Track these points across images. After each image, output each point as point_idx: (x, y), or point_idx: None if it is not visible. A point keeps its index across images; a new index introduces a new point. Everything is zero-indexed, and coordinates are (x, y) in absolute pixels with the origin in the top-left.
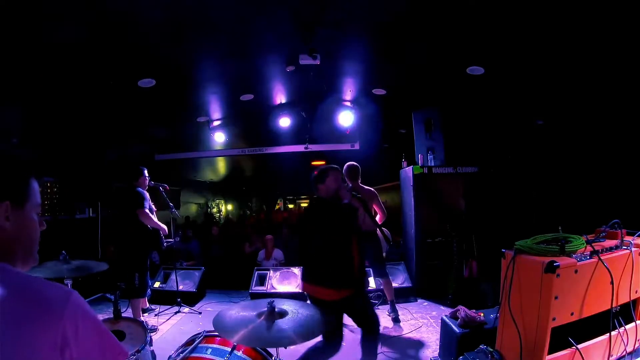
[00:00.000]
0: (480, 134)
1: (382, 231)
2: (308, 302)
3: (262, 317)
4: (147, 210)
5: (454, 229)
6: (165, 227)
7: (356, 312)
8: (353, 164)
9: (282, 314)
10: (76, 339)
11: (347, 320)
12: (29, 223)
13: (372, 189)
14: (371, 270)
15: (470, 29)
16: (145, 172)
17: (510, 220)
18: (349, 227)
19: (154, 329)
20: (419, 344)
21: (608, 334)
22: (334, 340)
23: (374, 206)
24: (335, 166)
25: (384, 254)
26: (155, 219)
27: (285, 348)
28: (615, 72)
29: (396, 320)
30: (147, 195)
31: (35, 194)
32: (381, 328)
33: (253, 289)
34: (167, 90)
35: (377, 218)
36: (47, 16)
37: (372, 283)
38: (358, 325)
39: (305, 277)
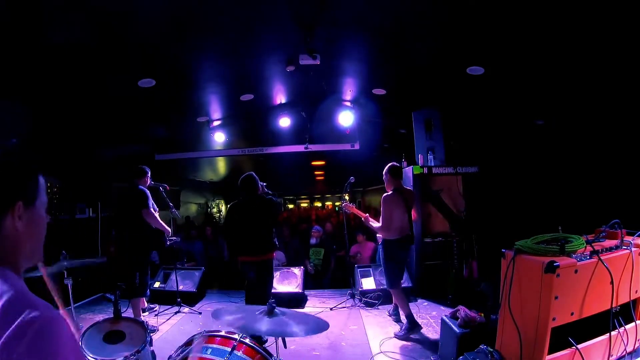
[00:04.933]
0: (480, 134)
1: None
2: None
3: (262, 313)
4: (152, 210)
5: (454, 228)
6: (168, 228)
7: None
8: (394, 165)
9: (283, 313)
10: None
11: (347, 322)
12: (38, 220)
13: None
14: (370, 271)
15: (470, 29)
16: (149, 171)
17: (510, 220)
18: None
19: (154, 329)
20: (419, 344)
21: (608, 334)
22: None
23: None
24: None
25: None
26: (158, 218)
27: (285, 348)
28: (615, 72)
29: (397, 321)
30: (150, 194)
31: (43, 190)
32: (380, 328)
33: None
34: (167, 90)
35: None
36: (47, 16)
37: (371, 283)
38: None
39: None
